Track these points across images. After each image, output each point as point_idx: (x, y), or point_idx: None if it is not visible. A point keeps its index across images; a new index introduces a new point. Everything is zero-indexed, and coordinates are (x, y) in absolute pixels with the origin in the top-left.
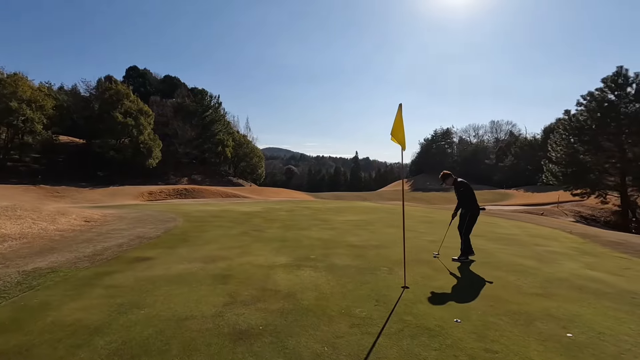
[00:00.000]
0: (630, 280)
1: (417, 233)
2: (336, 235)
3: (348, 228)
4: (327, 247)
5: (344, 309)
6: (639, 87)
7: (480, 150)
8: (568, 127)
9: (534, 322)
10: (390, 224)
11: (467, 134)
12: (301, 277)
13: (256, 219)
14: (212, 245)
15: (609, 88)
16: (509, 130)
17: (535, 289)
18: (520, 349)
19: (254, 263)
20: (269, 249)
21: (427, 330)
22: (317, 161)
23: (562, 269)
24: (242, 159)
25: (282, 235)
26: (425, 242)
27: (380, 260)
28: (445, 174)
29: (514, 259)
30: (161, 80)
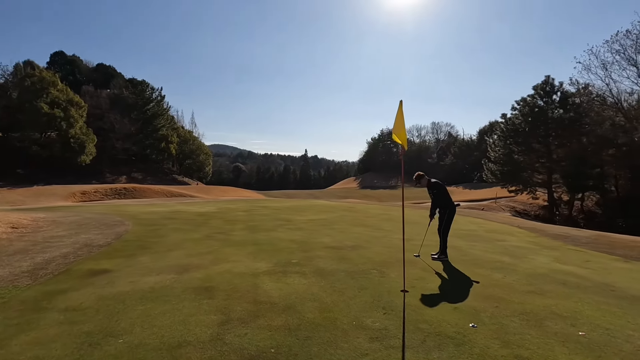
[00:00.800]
0: (599, 273)
1: (385, 232)
2: (307, 236)
3: (315, 228)
4: (305, 250)
5: (354, 321)
6: (562, 94)
7: (423, 150)
8: (505, 129)
9: (543, 322)
10: (354, 222)
11: (411, 134)
12: (292, 285)
13: (215, 221)
14: (178, 251)
15: (539, 95)
16: (447, 131)
17: (525, 286)
18: (547, 352)
19: (234, 271)
20: (243, 253)
21: (450, 339)
22: (265, 159)
23: (536, 264)
24: (188, 156)
25: (252, 238)
26: (397, 240)
27: (365, 262)
28: (419, 175)
29: (487, 255)
30: (94, 69)
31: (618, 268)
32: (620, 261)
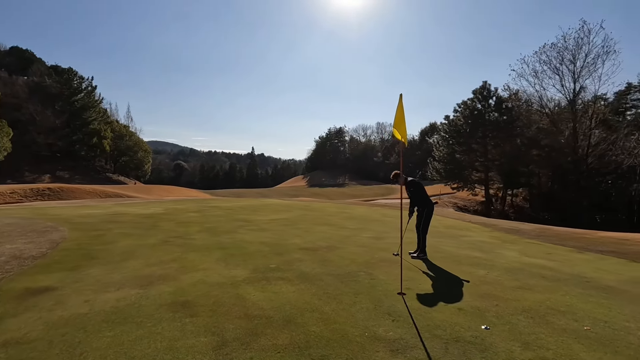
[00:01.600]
0: (565, 264)
1: (351, 230)
2: (275, 237)
3: (280, 228)
4: (279, 253)
5: (365, 332)
6: (498, 99)
7: (369, 149)
8: (448, 130)
9: (547, 318)
10: (316, 221)
11: (357, 134)
12: (281, 293)
13: (166, 223)
14: (134, 260)
15: (477, 99)
16: (391, 131)
17: (512, 282)
18: (567, 351)
19: (209, 281)
20: (212, 260)
21: (471, 345)
22: (209, 157)
23: (509, 259)
24: (124, 152)
25: (215, 241)
26: (368, 239)
27: (348, 263)
28: (396, 174)
29: (460, 251)
30: (6, 52)
31: (578, 259)
32: (575, 252)
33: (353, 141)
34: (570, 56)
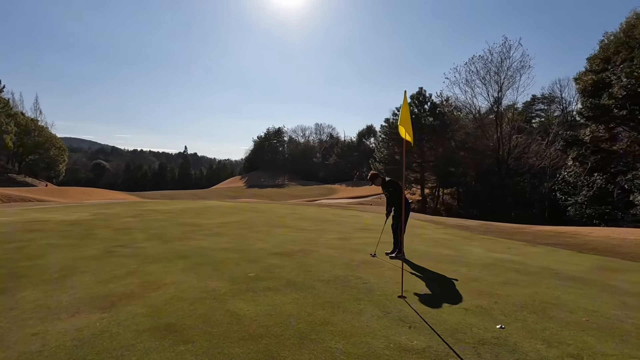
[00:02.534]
0: (529, 258)
1: (313, 232)
2: (237, 242)
3: (236, 232)
4: (252, 260)
5: (390, 343)
6: (432, 104)
7: (308, 149)
8: (388, 132)
9: (547, 312)
10: (272, 224)
11: (296, 134)
12: (277, 306)
13: (101, 230)
14: (79, 277)
15: (414, 104)
16: (329, 132)
17: (495, 277)
18: (585, 344)
19: (186, 297)
20: (177, 271)
21: (498, 347)
22: (135, 156)
23: (479, 255)
24: (32, 150)
25: (171, 249)
26: (335, 241)
27: (331, 267)
28: (373, 175)
29: (430, 249)
30: None
31: (535, 252)
32: (529, 246)
33: (292, 141)
34: (495, 68)
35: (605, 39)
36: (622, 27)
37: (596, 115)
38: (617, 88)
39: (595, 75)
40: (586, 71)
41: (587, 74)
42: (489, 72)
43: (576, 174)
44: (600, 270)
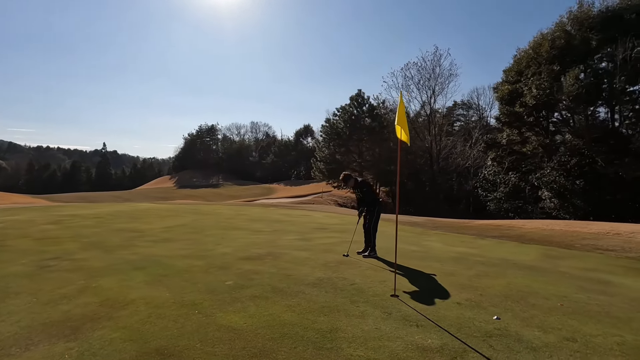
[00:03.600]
0: (485, 250)
1: (271, 233)
2: (194, 248)
3: (187, 237)
4: (222, 267)
5: (407, 344)
6: (370, 106)
7: (244, 148)
8: (330, 132)
9: (528, 300)
10: (223, 226)
11: (231, 132)
12: (274, 315)
13: (18, 242)
14: (15, 300)
15: (353, 105)
16: (265, 131)
17: (467, 271)
18: (572, 327)
19: (165, 314)
20: (140, 284)
21: (505, 337)
22: (39, 153)
23: (442, 250)
24: None
25: (119, 259)
26: (299, 242)
27: (310, 270)
28: (346, 175)
29: (398, 246)
30: None
31: (487, 245)
32: (478, 239)
33: (226, 140)
34: (428, 75)
35: (517, 54)
36: (531, 44)
37: (511, 121)
38: (529, 98)
39: (511, 85)
40: (503, 82)
41: (504, 84)
42: (422, 77)
43: (495, 173)
44: (547, 259)
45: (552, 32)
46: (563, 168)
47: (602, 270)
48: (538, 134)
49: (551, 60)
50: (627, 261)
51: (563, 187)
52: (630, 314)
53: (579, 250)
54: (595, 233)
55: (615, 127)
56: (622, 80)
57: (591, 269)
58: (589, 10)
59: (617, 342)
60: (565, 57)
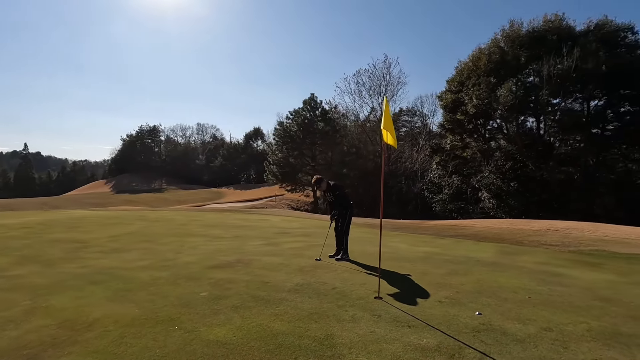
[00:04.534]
0: (448, 249)
1: (234, 240)
2: (153, 258)
3: (141, 246)
4: (191, 278)
5: (405, 345)
6: (323, 110)
7: (190, 150)
8: (283, 135)
9: (499, 295)
10: (176, 233)
11: (175, 134)
12: (262, 326)
13: None
14: None
15: (307, 109)
16: (213, 133)
17: (439, 269)
18: (545, 318)
19: (137, 332)
20: (99, 300)
21: (492, 332)
22: None
23: (407, 250)
24: None
25: (68, 274)
26: (265, 247)
27: (286, 276)
28: (318, 179)
29: (364, 247)
30: None
31: (447, 244)
32: (438, 239)
33: (170, 142)
34: (378, 81)
35: (459, 65)
36: (470, 57)
37: (453, 128)
38: (470, 107)
39: (453, 95)
40: (446, 91)
41: (447, 94)
42: (373, 84)
43: (440, 176)
44: (504, 255)
45: (489, 48)
46: (499, 171)
47: (552, 264)
48: (477, 140)
49: (489, 73)
50: (570, 255)
51: (500, 188)
52: (588, 302)
53: (528, 246)
54: (537, 230)
55: (541, 135)
56: (546, 94)
57: (543, 263)
58: (519, 30)
59: (586, 328)
60: (500, 71)
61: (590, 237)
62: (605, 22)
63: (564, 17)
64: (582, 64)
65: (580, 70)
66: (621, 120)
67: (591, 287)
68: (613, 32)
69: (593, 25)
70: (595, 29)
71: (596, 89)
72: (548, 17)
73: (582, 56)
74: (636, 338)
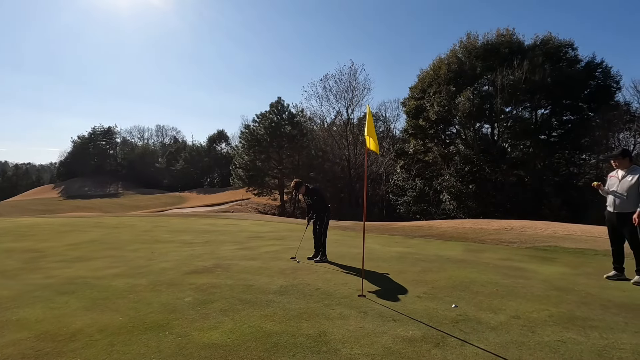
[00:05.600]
0: (419, 248)
1: (206, 245)
2: (124, 266)
3: (108, 254)
4: (170, 284)
5: (395, 337)
6: (290, 114)
7: (148, 153)
8: (249, 139)
9: (471, 289)
10: (142, 239)
11: (133, 136)
12: (255, 327)
13: None
14: None
15: (273, 112)
16: (174, 135)
17: (412, 267)
18: (512, 307)
19: (127, 340)
20: (76, 310)
21: (469, 322)
22: None
23: (383, 251)
24: None
25: (35, 285)
26: (241, 251)
27: (268, 279)
28: (297, 183)
29: (339, 249)
30: None
31: (417, 243)
32: (409, 239)
33: (127, 144)
34: (345, 87)
35: (421, 73)
36: (431, 66)
37: (416, 133)
38: (432, 113)
39: (416, 101)
40: (409, 98)
41: (410, 100)
42: (340, 89)
43: (404, 179)
44: (470, 252)
45: (448, 58)
46: (459, 174)
47: (513, 260)
48: (438, 145)
49: (448, 82)
50: (527, 251)
51: (459, 191)
52: (547, 292)
53: (490, 244)
54: (497, 229)
55: (495, 141)
56: (500, 102)
57: (505, 259)
58: (475, 42)
59: (548, 315)
60: (458, 80)
61: (543, 235)
62: (549, 38)
63: (514, 32)
64: (531, 76)
65: (529, 81)
66: (564, 127)
67: (548, 278)
68: (556, 48)
69: (539, 40)
70: (541, 44)
71: (542, 99)
72: (500, 32)
73: (531, 68)
74: (589, 320)
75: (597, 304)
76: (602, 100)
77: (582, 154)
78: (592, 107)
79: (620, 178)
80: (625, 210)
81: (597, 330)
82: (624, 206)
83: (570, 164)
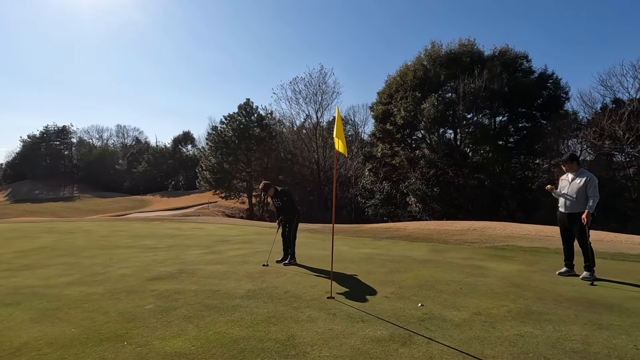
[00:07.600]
0: (387, 249)
1: (171, 250)
2: (75, 274)
3: (60, 261)
4: (130, 291)
5: (363, 338)
6: (258, 116)
7: (108, 155)
8: (216, 141)
9: (436, 287)
10: (99, 245)
11: (90, 136)
12: (221, 333)
13: None
14: None
15: (242, 114)
16: (136, 136)
17: (380, 268)
18: (474, 303)
19: (79, 352)
20: (22, 322)
21: (435, 320)
22: None
23: (351, 252)
24: None
25: None
26: (206, 255)
27: (235, 284)
28: (266, 185)
29: (309, 252)
30: None
31: (385, 245)
32: (376, 240)
33: (84, 144)
34: (314, 90)
35: (389, 79)
36: (398, 72)
37: (384, 137)
38: (398, 118)
39: (383, 106)
40: (377, 102)
41: (378, 105)
42: (309, 92)
43: (372, 182)
44: (435, 252)
45: (414, 65)
46: (424, 178)
47: (475, 259)
48: (404, 149)
49: (414, 88)
50: (488, 250)
51: (424, 193)
52: (505, 289)
53: (453, 244)
54: (459, 230)
55: (458, 145)
56: (462, 109)
57: (468, 258)
58: (439, 50)
59: (507, 310)
60: (424, 86)
61: (501, 234)
62: (506, 50)
63: (475, 43)
64: (490, 84)
65: (488, 89)
66: (520, 134)
67: (506, 276)
68: (512, 59)
69: (497, 51)
70: (499, 55)
71: (500, 107)
72: (462, 41)
73: (490, 78)
74: (544, 315)
75: (551, 298)
76: (553, 109)
77: (535, 159)
78: (545, 115)
79: (570, 181)
80: (575, 211)
81: (551, 324)
82: (574, 207)
83: (525, 168)
